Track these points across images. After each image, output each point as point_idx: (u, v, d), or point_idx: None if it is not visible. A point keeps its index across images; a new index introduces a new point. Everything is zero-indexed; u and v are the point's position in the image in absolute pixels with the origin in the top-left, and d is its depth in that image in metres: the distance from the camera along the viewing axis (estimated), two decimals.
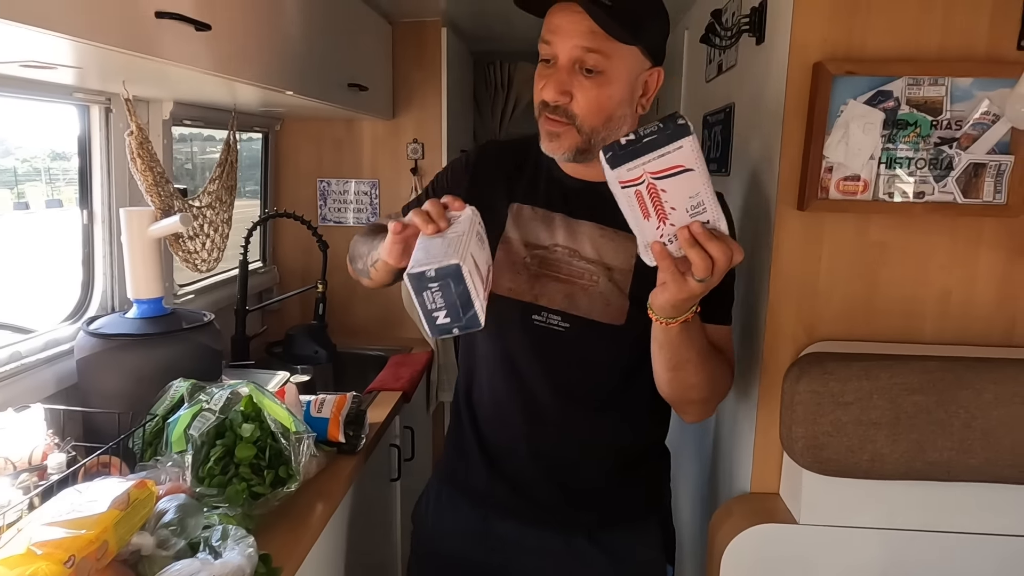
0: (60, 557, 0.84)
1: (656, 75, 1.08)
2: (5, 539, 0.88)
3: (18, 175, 2.14)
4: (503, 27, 2.70)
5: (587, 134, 1.04)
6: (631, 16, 0.99)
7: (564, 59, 1.02)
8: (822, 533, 1.24)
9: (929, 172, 1.19)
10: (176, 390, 1.28)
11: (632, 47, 1.02)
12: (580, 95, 1.02)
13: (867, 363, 1.16)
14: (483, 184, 1.17)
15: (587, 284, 1.10)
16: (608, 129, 1.05)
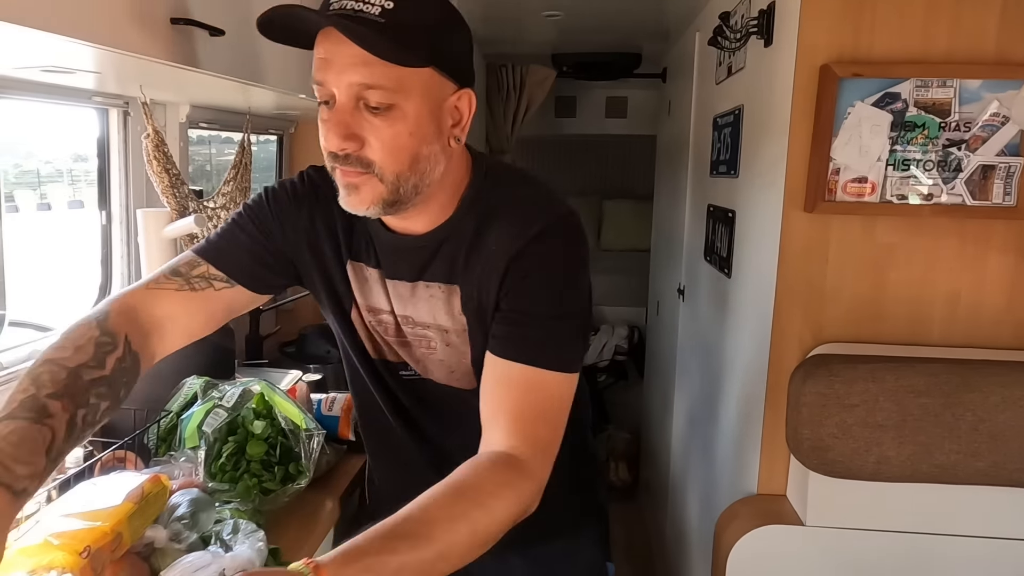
0: (76, 548, 0.86)
1: (467, 97, 0.86)
2: (23, 530, 0.91)
3: (41, 176, 2.19)
4: (515, 30, 2.72)
5: (392, 182, 0.83)
6: (412, 31, 0.79)
7: (343, 98, 0.80)
8: (828, 535, 1.24)
9: (938, 174, 1.19)
10: (190, 387, 1.30)
11: (424, 69, 0.81)
12: (372, 138, 0.81)
13: (873, 365, 1.16)
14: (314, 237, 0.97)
15: (427, 352, 0.98)
16: (418, 173, 0.84)
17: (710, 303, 1.86)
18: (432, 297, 0.95)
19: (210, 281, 0.94)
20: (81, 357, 0.80)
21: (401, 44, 0.78)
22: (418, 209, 0.88)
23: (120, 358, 0.84)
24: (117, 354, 0.84)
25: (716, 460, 1.65)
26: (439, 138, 0.85)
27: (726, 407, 1.60)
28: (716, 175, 1.84)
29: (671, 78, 2.89)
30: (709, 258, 1.88)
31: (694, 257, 2.14)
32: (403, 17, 0.78)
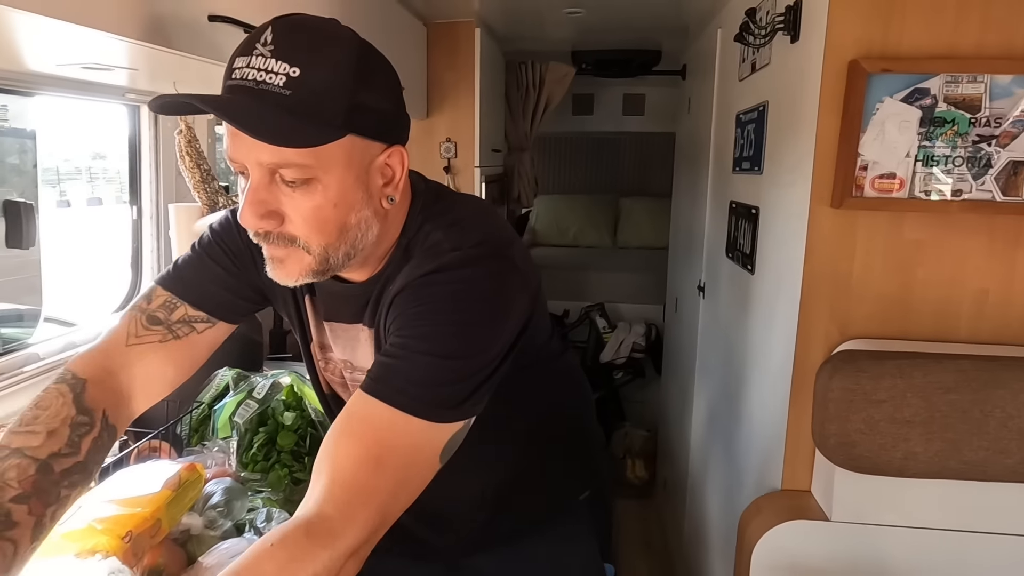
0: (118, 532, 0.89)
1: (397, 155, 0.79)
2: (67, 515, 0.93)
3: (60, 174, 2.23)
4: (535, 28, 2.72)
5: (320, 254, 0.77)
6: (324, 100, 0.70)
7: (257, 175, 0.73)
8: (854, 531, 1.24)
9: (967, 170, 1.18)
10: (221, 379, 1.33)
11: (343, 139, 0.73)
12: (292, 212, 0.74)
13: (900, 361, 1.16)
14: None
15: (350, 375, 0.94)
16: (348, 241, 0.78)
17: (732, 300, 1.86)
18: (360, 340, 0.89)
19: (192, 325, 0.89)
20: (54, 445, 0.74)
21: (312, 121, 0.70)
22: (357, 264, 0.82)
23: (96, 438, 0.78)
24: (93, 434, 0.78)
25: (739, 456, 1.65)
26: (369, 203, 0.78)
27: (749, 403, 1.60)
28: (739, 172, 1.84)
29: (691, 75, 2.89)
30: (731, 255, 1.88)
31: (715, 254, 2.14)
32: (312, 83, 0.70)
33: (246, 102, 0.70)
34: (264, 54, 0.69)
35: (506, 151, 3.16)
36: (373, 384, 0.73)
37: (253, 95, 0.69)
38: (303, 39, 0.71)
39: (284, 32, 0.70)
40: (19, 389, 1.27)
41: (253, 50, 0.70)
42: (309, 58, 0.70)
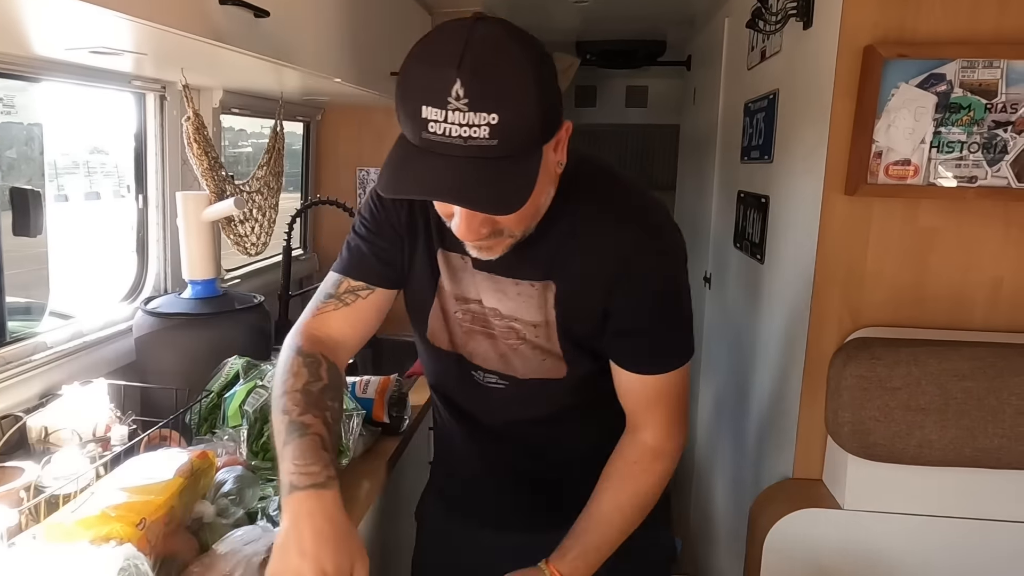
0: (132, 520, 0.88)
1: (564, 129, 0.85)
2: (79, 503, 0.92)
3: (58, 168, 2.22)
4: (541, 17, 2.71)
5: (521, 234, 0.89)
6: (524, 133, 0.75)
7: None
8: (867, 519, 1.24)
9: (982, 156, 1.17)
10: (231, 367, 1.32)
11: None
12: (502, 220, 0.85)
13: (915, 349, 1.15)
14: (413, 228, 1.02)
15: (514, 344, 1.01)
16: (539, 214, 0.90)
17: (740, 290, 1.86)
18: (521, 294, 0.98)
19: (356, 293, 1.05)
20: (303, 378, 0.97)
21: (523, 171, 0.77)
22: None
23: (328, 368, 1.00)
24: (324, 366, 1.00)
25: (748, 445, 1.65)
26: (552, 179, 0.88)
27: (759, 392, 1.60)
28: (748, 161, 1.83)
29: (697, 65, 2.87)
30: (739, 245, 1.88)
31: (722, 244, 2.13)
32: (513, 123, 0.74)
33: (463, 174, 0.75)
34: (460, 108, 0.72)
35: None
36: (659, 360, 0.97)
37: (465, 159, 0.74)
38: (492, 84, 0.73)
39: (473, 81, 0.72)
40: (28, 377, 1.26)
41: (447, 104, 0.72)
42: (503, 100, 0.73)
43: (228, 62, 1.32)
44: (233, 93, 1.78)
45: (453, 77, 0.72)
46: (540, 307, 0.98)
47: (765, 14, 1.44)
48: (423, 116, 0.74)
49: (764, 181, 1.65)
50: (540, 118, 0.77)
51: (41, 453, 1.14)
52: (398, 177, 0.78)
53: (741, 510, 1.64)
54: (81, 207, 2.59)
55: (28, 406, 1.25)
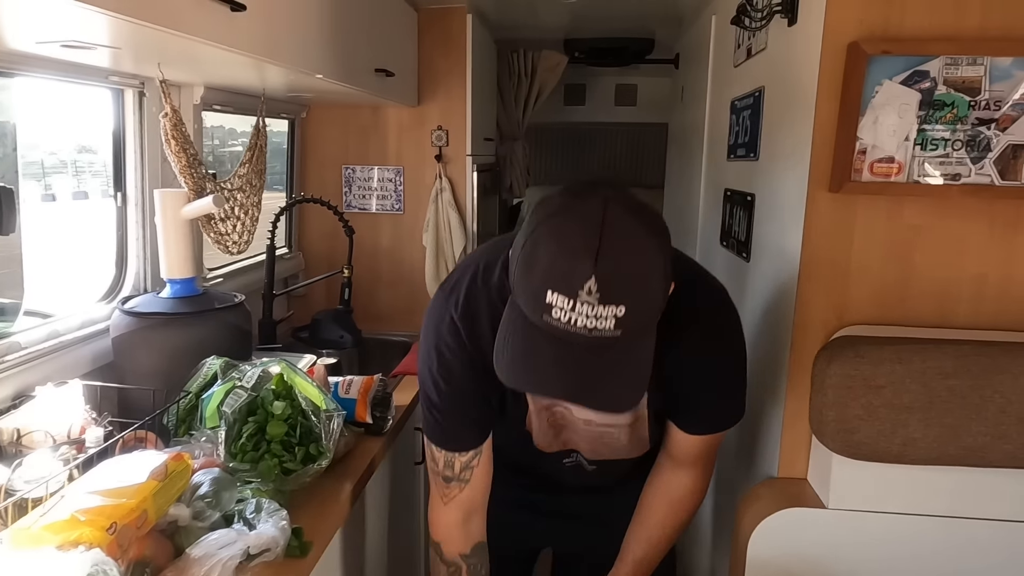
0: (103, 524, 0.86)
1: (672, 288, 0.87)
2: (48, 507, 0.90)
3: (45, 167, 2.18)
4: (528, 15, 2.69)
5: None
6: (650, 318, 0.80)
7: None
8: (851, 518, 1.23)
9: (966, 154, 1.17)
10: (209, 368, 1.30)
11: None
12: None
13: (899, 347, 1.14)
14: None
15: (608, 441, 1.13)
16: None
17: (726, 287, 1.85)
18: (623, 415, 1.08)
19: (470, 466, 1.11)
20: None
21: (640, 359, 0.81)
22: None
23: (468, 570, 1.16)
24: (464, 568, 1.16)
25: (734, 444, 1.64)
26: None
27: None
28: (734, 159, 1.83)
29: (685, 63, 2.87)
30: (726, 243, 1.87)
31: (709, 243, 2.12)
32: (639, 313, 0.76)
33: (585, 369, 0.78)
34: (591, 302, 0.73)
35: (498, 140, 3.13)
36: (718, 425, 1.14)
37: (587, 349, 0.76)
38: (626, 281, 0.74)
39: (608, 279, 0.73)
40: (1, 378, 1.23)
41: (577, 295, 0.73)
42: (634, 294, 0.75)
43: (206, 57, 1.29)
44: (214, 89, 1.76)
45: (589, 273, 0.73)
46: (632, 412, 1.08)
47: (750, 11, 1.43)
48: (548, 301, 0.75)
49: (750, 179, 1.64)
50: (661, 304, 0.80)
51: (13, 456, 1.12)
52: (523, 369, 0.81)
53: (726, 509, 1.63)
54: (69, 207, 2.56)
55: (0, 408, 1.22)
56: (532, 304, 0.77)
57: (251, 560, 0.98)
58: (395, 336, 2.39)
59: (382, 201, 2.51)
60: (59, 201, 2.57)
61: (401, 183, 2.48)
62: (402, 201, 2.49)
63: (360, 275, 2.25)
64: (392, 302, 2.54)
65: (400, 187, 2.49)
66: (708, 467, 1.19)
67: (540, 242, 0.76)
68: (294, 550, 1.04)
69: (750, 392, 1.54)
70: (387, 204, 2.50)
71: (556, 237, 0.76)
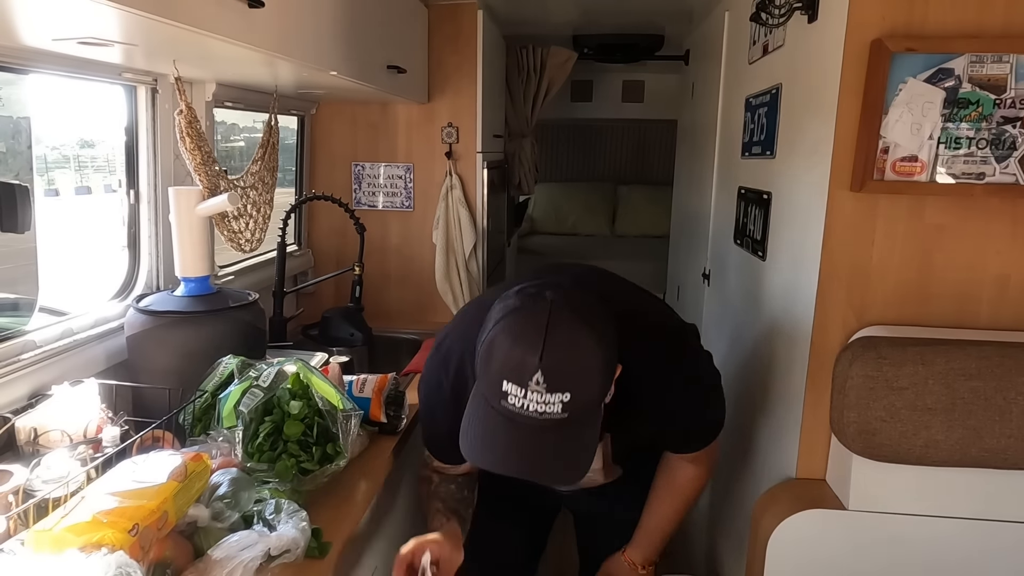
0: (125, 526, 0.85)
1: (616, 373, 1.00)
2: (68, 508, 0.90)
3: (48, 163, 2.17)
4: (537, 11, 2.68)
5: None
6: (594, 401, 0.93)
7: None
8: (871, 520, 1.23)
9: (990, 152, 1.16)
10: (225, 367, 1.29)
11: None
12: None
13: (922, 348, 1.13)
14: None
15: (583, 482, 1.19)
16: None
17: (741, 287, 1.84)
18: None
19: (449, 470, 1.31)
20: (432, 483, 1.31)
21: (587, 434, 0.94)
22: None
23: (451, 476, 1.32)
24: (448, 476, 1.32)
25: (750, 445, 1.63)
26: None
27: (760, 391, 1.58)
28: (748, 157, 1.81)
29: (695, 60, 2.85)
30: (740, 241, 1.86)
31: (722, 240, 2.11)
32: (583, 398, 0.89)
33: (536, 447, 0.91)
34: (539, 391, 0.87)
35: (506, 137, 3.12)
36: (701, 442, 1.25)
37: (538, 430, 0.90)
38: (569, 372, 0.88)
39: (553, 371, 0.87)
40: (17, 377, 1.23)
41: (527, 385, 0.87)
42: (577, 383, 0.88)
43: (221, 54, 1.28)
44: (226, 86, 1.75)
45: (535, 367, 0.86)
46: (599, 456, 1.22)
47: (769, 7, 1.42)
48: (504, 389, 0.89)
49: (766, 177, 1.63)
50: (604, 388, 0.93)
51: (30, 456, 1.11)
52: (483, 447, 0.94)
53: (743, 510, 1.62)
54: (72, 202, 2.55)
55: (16, 407, 1.22)
56: (491, 391, 0.90)
57: (271, 561, 0.97)
58: (405, 334, 2.38)
59: (392, 198, 2.50)
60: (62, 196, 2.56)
61: (411, 180, 2.47)
62: (412, 198, 2.48)
63: (370, 273, 2.24)
64: (401, 300, 2.53)
65: (410, 184, 2.47)
66: (710, 462, 1.31)
67: (496, 339, 0.90)
68: (313, 551, 1.04)
69: (766, 392, 1.54)
70: (397, 201, 2.49)
71: (509, 336, 0.89)
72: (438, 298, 2.46)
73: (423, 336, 2.30)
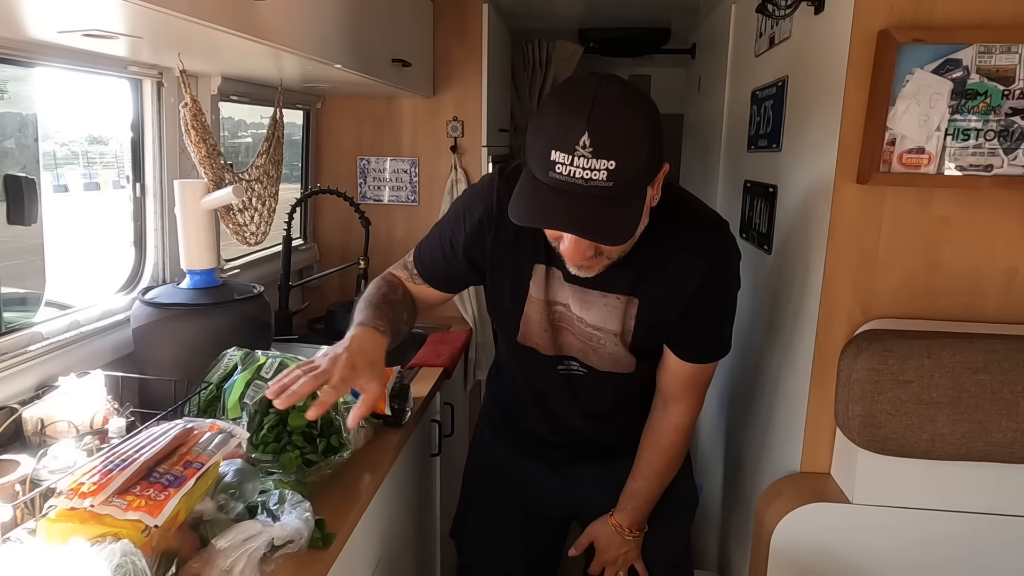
0: (138, 527, 0.86)
1: (663, 172, 1.01)
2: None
3: (57, 159, 2.19)
4: (542, 5, 2.67)
5: (618, 256, 1.05)
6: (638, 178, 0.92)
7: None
8: (876, 514, 1.22)
9: (998, 144, 1.15)
10: (230, 359, 1.30)
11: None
12: (606, 247, 1.01)
13: (928, 341, 1.13)
14: (505, 245, 1.17)
15: (596, 346, 1.20)
16: (634, 240, 1.04)
17: (746, 281, 1.82)
18: (607, 305, 1.15)
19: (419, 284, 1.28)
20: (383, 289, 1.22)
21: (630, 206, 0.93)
22: None
23: (404, 291, 1.26)
24: (402, 288, 1.26)
25: (754, 439, 1.63)
26: (648, 212, 1.01)
27: (765, 384, 1.57)
28: (754, 150, 1.80)
29: (702, 53, 2.84)
30: (745, 235, 1.85)
31: None
32: (627, 169, 0.89)
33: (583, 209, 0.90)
34: (586, 155, 0.87)
35: (512, 131, 3.12)
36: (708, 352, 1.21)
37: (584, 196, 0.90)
38: (615, 138, 0.88)
39: (599, 135, 0.87)
40: (24, 368, 1.24)
41: (574, 151, 0.87)
42: (622, 151, 0.88)
43: (226, 47, 1.29)
44: (232, 80, 1.75)
45: (582, 129, 0.87)
46: (621, 319, 1.15)
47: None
48: (551, 158, 0.89)
49: (772, 170, 1.62)
50: (648, 166, 0.93)
51: (37, 446, 1.12)
52: (530, 210, 0.93)
53: (747, 503, 1.62)
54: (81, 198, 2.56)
55: (24, 398, 1.23)
56: (540, 164, 0.91)
57: (275, 551, 0.97)
58: None
59: (397, 192, 2.50)
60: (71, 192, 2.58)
61: (416, 174, 2.47)
62: (417, 192, 2.48)
63: (375, 267, 2.24)
64: None
65: (415, 178, 2.48)
66: (694, 403, 1.26)
67: (545, 111, 0.92)
68: (317, 541, 1.04)
69: (771, 385, 1.54)
70: (402, 196, 2.49)
71: (557, 105, 0.91)
72: None
73: (428, 330, 2.31)
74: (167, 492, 0.90)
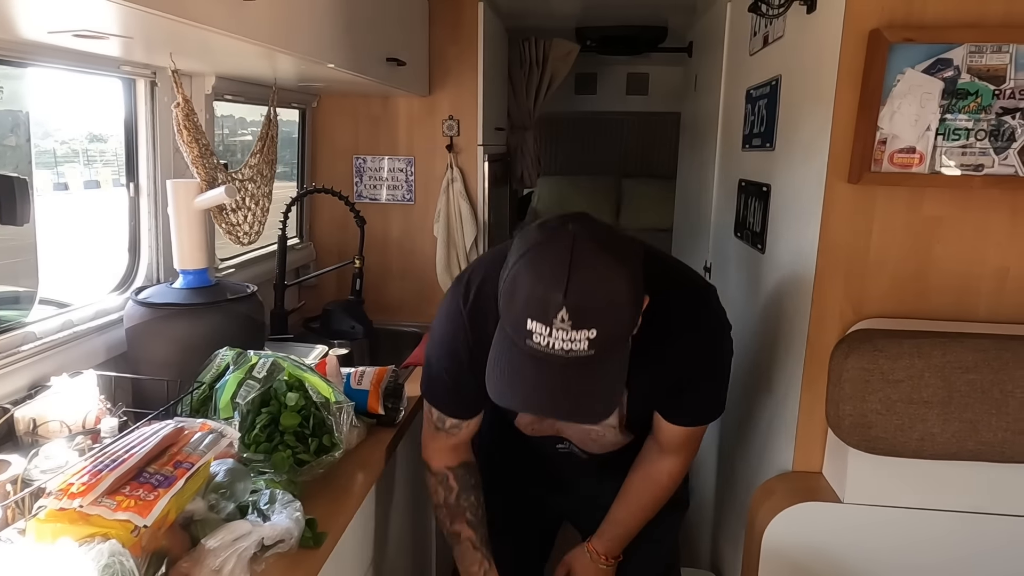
0: (127, 527, 0.86)
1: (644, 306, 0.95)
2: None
3: (57, 157, 2.19)
4: (539, 2, 2.66)
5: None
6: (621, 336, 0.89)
7: None
8: (867, 513, 1.22)
9: (989, 144, 1.15)
10: (222, 359, 1.30)
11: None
12: None
13: (918, 341, 1.13)
14: None
15: (595, 437, 1.26)
16: None
17: (740, 280, 1.83)
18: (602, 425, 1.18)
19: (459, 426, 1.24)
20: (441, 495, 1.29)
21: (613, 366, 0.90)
22: None
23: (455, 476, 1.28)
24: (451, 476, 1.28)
25: (748, 438, 1.63)
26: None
27: (758, 384, 1.58)
28: (749, 149, 1.80)
29: (698, 52, 2.83)
30: (740, 234, 1.85)
31: (722, 234, 2.10)
32: (609, 334, 0.85)
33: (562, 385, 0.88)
34: (565, 328, 0.83)
35: (508, 130, 3.12)
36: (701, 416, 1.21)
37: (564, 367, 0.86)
38: (595, 307, 0.84)
39: (578, 307, 0.83)
40: (16, 368, 1.24)
41: (552, 323, 0.84)
42: (604, 318, 0.84)
43: (217, 47, 1.29)
44: (226, 79, 1.75)
45: (560, 303, 0.82)
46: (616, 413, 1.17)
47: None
48: (528, 328, 0.85)
49: (766, 169, 1.62)
50: (631, 320, 0.89)
51: (29, 446, 1.12)
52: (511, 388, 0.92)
53: (740, 502, 1.62)
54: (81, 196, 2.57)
55: (16, 397, 1.23)
56: (516, 330, 0.87)
57: (265, 551, 0.98)
58: (406, 327, 2.39)
59: (393, 191, 2.50)
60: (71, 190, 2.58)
61: (412, 173, 2.47)
62: (413, 191, 2.48)
63: (371, 266, 2.25)
64: (403, 293, 2.54)
65: (411, 177, 2.48)
66: (689, 455, 1.27)
67: (519, 276, 0.86)
68: (308, 541, 1.04)
69: (764, 385, 1.54)
70: (398, 194, 2.49)
71: (531, 272, 0.85)
72: (439, 291, 2.46)
73: (424, 329, 2.31)
74: (157, 492, 0.90)
